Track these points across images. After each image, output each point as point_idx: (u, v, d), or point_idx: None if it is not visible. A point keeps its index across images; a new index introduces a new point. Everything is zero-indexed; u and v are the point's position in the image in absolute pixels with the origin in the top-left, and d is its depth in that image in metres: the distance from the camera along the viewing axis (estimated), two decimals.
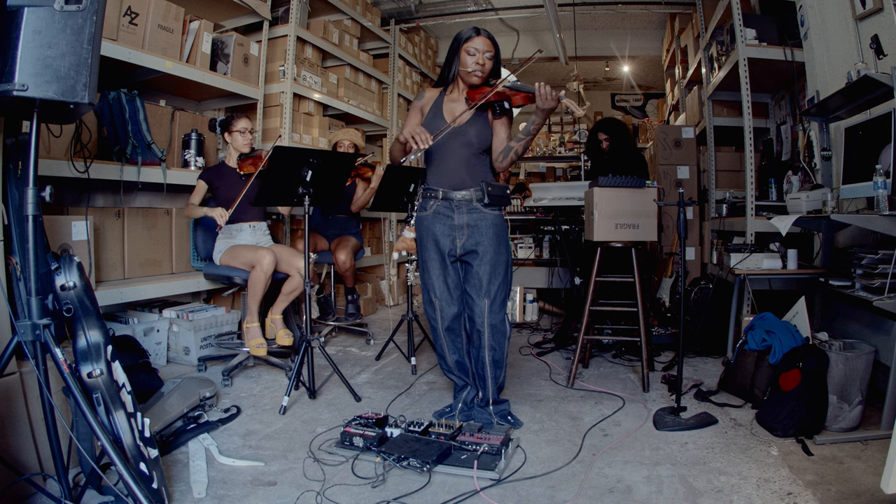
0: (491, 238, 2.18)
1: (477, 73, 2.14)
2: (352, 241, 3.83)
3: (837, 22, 2.90)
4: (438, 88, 2.29)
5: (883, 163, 2.22)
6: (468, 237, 2.18)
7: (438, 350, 2.33)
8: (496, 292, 2.18)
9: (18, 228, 1.62)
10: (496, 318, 2.18)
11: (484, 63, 2.14)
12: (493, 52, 2.16)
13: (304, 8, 4.24)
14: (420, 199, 2.29)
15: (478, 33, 2.14)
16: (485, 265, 2.17)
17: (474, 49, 2.13)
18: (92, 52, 1.47)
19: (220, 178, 3.08)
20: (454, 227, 2.19)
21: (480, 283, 2.17)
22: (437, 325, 2.27)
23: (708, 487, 1.76)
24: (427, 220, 2.24)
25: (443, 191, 2.21)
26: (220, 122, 3.14)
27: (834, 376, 2.15)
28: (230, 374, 2.80)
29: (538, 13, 5.47)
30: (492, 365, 2.22)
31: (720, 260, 3.30)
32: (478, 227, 2.18)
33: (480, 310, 2.17)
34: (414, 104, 2.31)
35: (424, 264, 2.26)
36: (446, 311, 2.24)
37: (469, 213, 2.18)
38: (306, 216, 2.64)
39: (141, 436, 1.58)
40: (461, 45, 2.15)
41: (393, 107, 5.53)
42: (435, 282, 2.23)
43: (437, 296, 2.24)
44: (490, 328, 2.17)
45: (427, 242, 2.24)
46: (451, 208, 2.19)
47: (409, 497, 1.70)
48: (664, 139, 4.81)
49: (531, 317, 4.60)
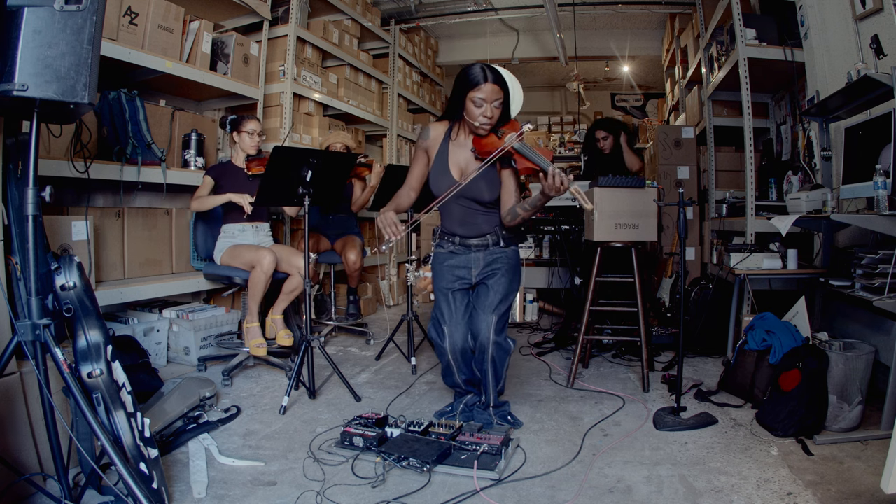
0: (507, 267, 2.23)
1: (485, 126, 2.03)
2: (358, 241, 3.84)
3: (837, 22, 2.90)
4: (443, 125, 2.21)
5: (883, 163, 2.22)
6: (482, 269, 2.24)
7: (446, 371, 2.31)
8: (504, 312, 2.21)
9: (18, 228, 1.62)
10: (500, 335, 2.19)
11: (492, 115, 2.01)
12: (501, 97, 2.02)
13: (304, 8, 4.24)
14: (438, 239, 2.33)
15: (485, 79, 1.98)
16: (498, 285, 2.20)
17: (481, 100, 1.99)
18: (92, 52, 1.47)
19: (227, 176, 3.06)
20: (471, 259, 2.25)
21: (488, 300, 2.19)
22: (445, 350, 2.23)
23: (708, 487, 1.76)
24: (443, 255, 2.29)
25: (459, 238, 2.25)
26: (230, 121, 3.12)
27: (834, 376, 2.15)
28: (230, 374, 2.80)
29: (538, 13, 5.47)
30: (493, 376, 2.23)
31: (720, 260, 3.30)
32: (494, 263, 2.23)
33: (487, 325, 2.16)
34: (419, 144, 2.25)
35: (438, 293, 2.29)
36: (454, 335, 2.20)
37: (486, 253, 2.24)
38: (306, 216, 2.64)
39: (141, 436, 1.58)
40: (467, 91, 2.01)
41: (393, 107, 5.53)
42: (444, 309, 2.24)
43: (445, 321, 2.23)
44: (494, 345, 2.17)
45: (443, 272, 2.28)
46: (469, 249, 2.25)
47: (409, 497, 1.70)
48: (664, 139, 4.81)
49: (531, 317, 4.60)
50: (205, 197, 2.99)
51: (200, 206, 3.00)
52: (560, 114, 8.72)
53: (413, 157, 2.30)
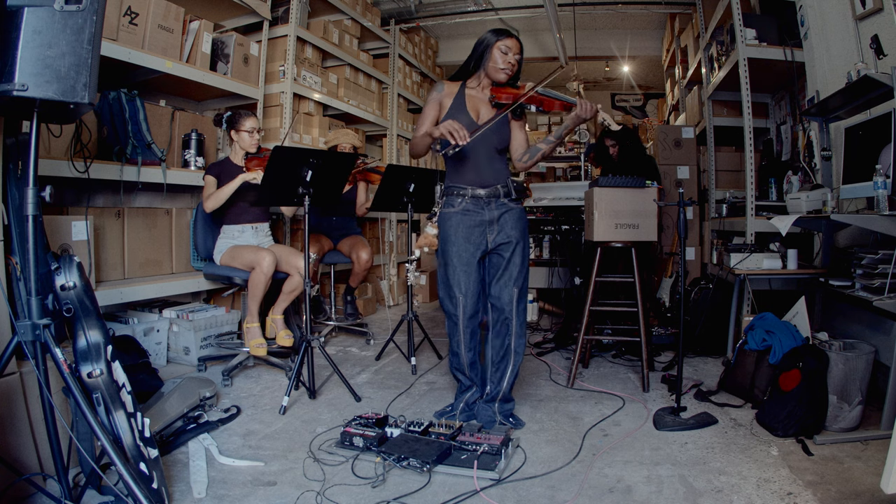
0: (520, 231, 2.27)
1: (507, 71, 2.20)
2: (363, 240, 3.85)
3: (837, 22, 2.90)
4: (457, 82, 2.30)
5: (883, 163, 2.22)
6: (499, 231, 2.25)
7: (454, 347, 2.31)
8: (524, 281, 2.27)
9: (18, 228, 1.62)
10: (521, 305, 2.26)
11: (514, 63, 2.20)
12: (520, 55, 2.22)
13: (304, 8, 4.24)
14: (444, 197, 2.30)
15: (510, 35, 2.21)
16: (516, 256, 2.25)
17: (506, 48, 2.19)
18: (92, 52, 1.47)
19: (227, 174, 3.03)
20: (484, 222, 2.24)
21: (511, 274, 2.24)
22: (458, 321, 2.25)
23: (708, 487, 1.76)
24: (456, 217, 2.25)
25: (471, 188, 2.25)
26: (226, 118, 3.09)
27: (834, 376, 2.15)
28: (230, 374, 2.80)
29: (538, 13, 5.47)
30: (515, 353, 2.27)
31: (720, 260, 3.30)
32: (507, 221, 2.25)
33: (510, 297, 2.24)
34: (432, 96, 2.27)
35: (450, 260, 2.24)
36: (469, 308, 2.25)
37: (498, 209, 2.25)
38: (306, 216, 2.64)
39: (141, 436, 1.58)
40: (494, 42, 2.20)
41: (393, 107, 5.53)
42: (461, 277, 2.22)
43: (461, 291, 2.22)
44: (517, 316, 2.25)
45: (455, 238, 2.24)
46: (479, 205, 2.25)
47: (409, 497, 1.70)
48: (664, 139, 4.81)
49: (531, 317, 4.60)
50: (216, 192, 2.93)
51: (216, 202, 2.92)
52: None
53: (425, 108, 2.29)
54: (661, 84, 6.97)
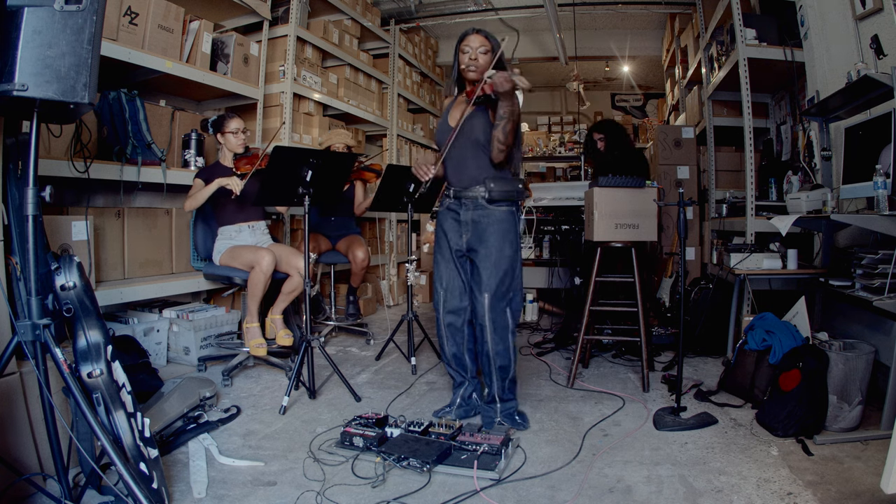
0: (495, 235, 2.22)
1: (471, 69, 2.21)
2: (363, 240, 3.85)
3: (837, 22, 2.90)
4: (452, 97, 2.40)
5: (883, 163, 2.22)
6: (472, 234, 2.26)
7: (439, 340, 2.42)
8: (496, 287, 2.22)
9: (18, 228, 1.62)
10: (495, 312, 2.23)
11: (477, 58, 2.20)
12: (487, 46, 2.22)
13: (304, 8, 4.24)
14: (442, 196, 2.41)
15: (472, 32, 2.24)
16: (486, 261, 2.23)
17: (468, 47, 2.22)
18: (92, 52, 1.47)
19: (217, 177, 3.04)
20: (460, 223, 2.28)
21: (480, 279, 2.23)
22: (438, 315, 2.36)
23: (708, 487, 1.76)
24: (442, 215, 2.37)
25: (454, 189, 2.31)
26: (211, 123, 3.09)
27: (834, 376, 2.15)
28: (230, 374, 2.80)
29: (538, 13, 5.47)
30: (496, 358, 2.25)
31: (720, 260, 3.30)
32: (481, 224, 2.24)
33: (481, 305, 2.23)
34: None
35: (435, 256, 2.38)
36: (449, 302, 2.33)
37: (474, 210, 2.25)
38: (306, 216, 2.64)
39: (141, 436, 1.58)
40: (458, 45, 2.26)
41: (393, 107, 5.52)
42: (442, 271, 2.35)
43: (442, 286, 2.34)
44: (491, 322, 2.23)
45: (440, 235, 2.37)
46: (459, 205, 2.29)
47: (409, 497, 1.70)
48: (664, 139, 4.81)
49: (531, 317, 4.60)
50: (193, 197, 2.94)
51: (194, 203, 2.95)
52: (560, 114, 8.71)
53: None
54: (661, 84, 6.97)
